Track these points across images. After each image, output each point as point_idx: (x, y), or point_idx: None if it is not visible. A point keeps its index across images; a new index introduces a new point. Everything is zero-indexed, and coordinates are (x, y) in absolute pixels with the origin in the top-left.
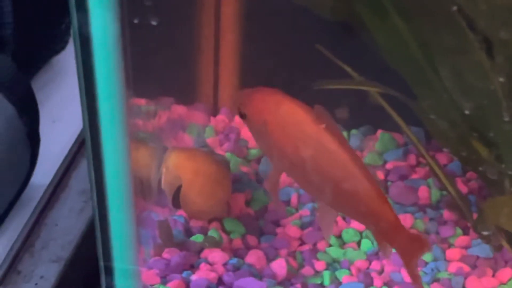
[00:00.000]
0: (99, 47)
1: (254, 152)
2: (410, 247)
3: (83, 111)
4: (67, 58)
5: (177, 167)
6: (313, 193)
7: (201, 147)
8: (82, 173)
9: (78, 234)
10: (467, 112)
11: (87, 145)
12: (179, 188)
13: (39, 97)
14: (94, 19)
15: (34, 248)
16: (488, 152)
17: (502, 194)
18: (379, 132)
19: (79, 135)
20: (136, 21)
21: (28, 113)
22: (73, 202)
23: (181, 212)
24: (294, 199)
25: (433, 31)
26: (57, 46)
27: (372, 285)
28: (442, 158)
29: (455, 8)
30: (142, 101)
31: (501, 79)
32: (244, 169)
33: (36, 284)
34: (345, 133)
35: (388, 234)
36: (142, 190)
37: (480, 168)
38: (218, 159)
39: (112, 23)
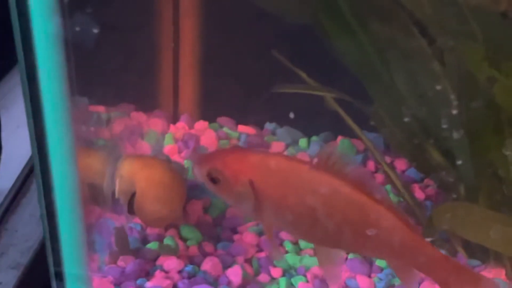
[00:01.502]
0: (42, 53)
1: None
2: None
3: (28, 117)
4: None
5: (131, 174)
6: (316, 240)
7: (156, 155)
8: None
9: (37, 240)
10: (421, 118)
11: (33, 150)
12: (134, 196)
13: (4, 102)
14: (36, 25)
15: None
16: (443, 159)
17: (458, 199)
18: (340, 138)
19: None
20: (79, 28)
21: None
22: (34, 208)
23: (137, 219)
24: None
25: (388, 37)
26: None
27: None
28: (401, 163)
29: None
30: (100, 108)
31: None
32: None
33: None
34: (304, 140)
35: (432, 268)
36: (96, 197)
37: (435, 175)
38: (173, 167)
39: (54, 28)
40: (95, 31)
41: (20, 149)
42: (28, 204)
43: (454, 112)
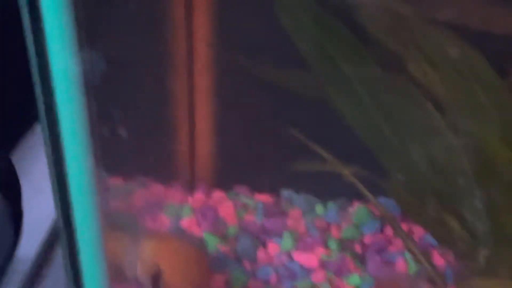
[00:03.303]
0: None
1: (232, 230)
2: None
3: (53, 191)
4: None
5: (154, 256)
6: None
7: (177, 231)
8: None
9: None
10: (437, 189)
11: (61, 228)
12: (157, 277)
13: (21, 166)
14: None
15: None
16: (461, 228)
17: (477, 267)
18: (356, 203)
19: None
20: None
21: (11, 190)
22: (58, 276)
23: None
24: (273, 277)
25: (403, 111)
26: (37, 115)
27: None
28: (418, 229)
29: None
30: (118, 180)
31: (469, 157)
32: (223, 248)
33: None
34: (321, 206)
35: None
36: (120, 277)
37: (453, 244)
38: (195, 243)
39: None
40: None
41: (40, 214)
42: (52, 272)
43: (471, 184)
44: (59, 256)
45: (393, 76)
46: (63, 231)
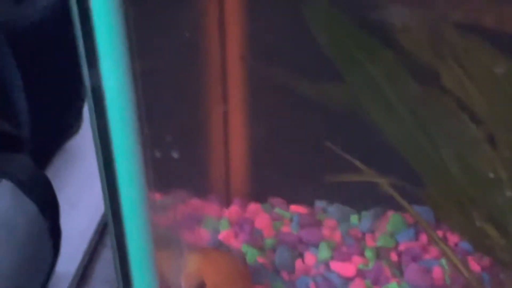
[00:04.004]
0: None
1: (269, 241)
2: None
3: (104, 196)
4: (80, 141)
5: (199, 271)
6: None
7: (216, 244)
8: (105, 261)
9: None
10: (473, 196)
11: (111, 237)
12: None
13: (56, 182)
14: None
15: None
16: (498, 235)
17: None
18: (389, 212)
19: (100, 221)
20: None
21: (49, 207)
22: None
23: None
24: (311, 287)
25: (439, 124)
26: (71, 130)
27: None
28: (453, 236)
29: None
30: (158, 196)
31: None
32: (261, 259)
33: None
34: (355, 216)
35: None
36: None
37: (489, 249)
38: (235, 256)
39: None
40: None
41: (76, 229)
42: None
43: (507, 187)
44: (98, 270)
45: (429, 89)
46: (114, 239)
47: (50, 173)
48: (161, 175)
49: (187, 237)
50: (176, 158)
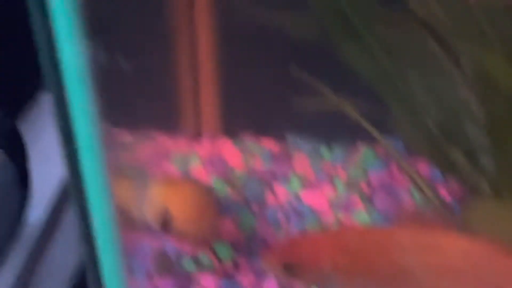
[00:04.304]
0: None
1: (239, 175)
2: None
3: (62, 150)
4: None
5: (163, 198)
6: None
7: (185, 177)
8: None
9: (75, 269)
10: (440, 121)
11: (69, 178)
12: (167, 220)
13: (30, 135)
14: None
15: (32, 286)
16: (465, 159)
17: (483, 197)
18: (361, 145)
19: None
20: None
21: (17, 154)
22: (69, 236)
23: (172, 241)
24: (281, 219)
25: (401, 44)
26: (42, 81)
27: None
28: (423, 166)
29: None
30: (123, 133)
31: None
32: (232, 193)
33: None
34: (325, 149)
35: None
36: (128, 222)
37: (458, 175)
38: (203, 187)
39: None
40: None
41: (48, 181)
42: (63, 233)
43: (474, 112)
44: (68, 220)
45: (394, 13)
46: (73, 189)
47: (24, 125)
48: (129, 113)
49: (155, 173)
50: (146, 96)
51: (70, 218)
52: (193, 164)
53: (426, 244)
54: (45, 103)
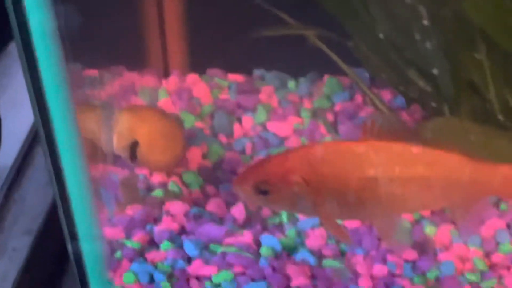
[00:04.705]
0: (36, 24)
1: (207, 108)
2: None
3: (28, 87)
4: None
5: (131, 126)
6: (382, 211)
7: (152, 107)
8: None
9: (46, 206)
10: (399, 46)
11: (36, 119)
12: (134, 147)
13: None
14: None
15: (5, 223)
16: (425, 83)
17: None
18: (326, 76)
19: None
20: None
21: None
22: (39, 177)
23: (140, 169)
24: (248, 147)
25: None
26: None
27: None
28: (387, 94)
29: None
30: (92, 71)
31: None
32: (199, 124)
33: (9, 257)
34: (293, 82)
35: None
36: (96, 152)
37: (420, 100)
38: (170, 116)
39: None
40: None
41: (19, 126)
42: (33, 174)
43: (428, 31)
44: (38, 160)
45: None
46: (42, 130)
47: None
48: (97, 51)
49: (121, 105)
50: (114, 34)
51: (40, 159)
52: (162, 98)
53: (392, 155)
54: (14, 51)
